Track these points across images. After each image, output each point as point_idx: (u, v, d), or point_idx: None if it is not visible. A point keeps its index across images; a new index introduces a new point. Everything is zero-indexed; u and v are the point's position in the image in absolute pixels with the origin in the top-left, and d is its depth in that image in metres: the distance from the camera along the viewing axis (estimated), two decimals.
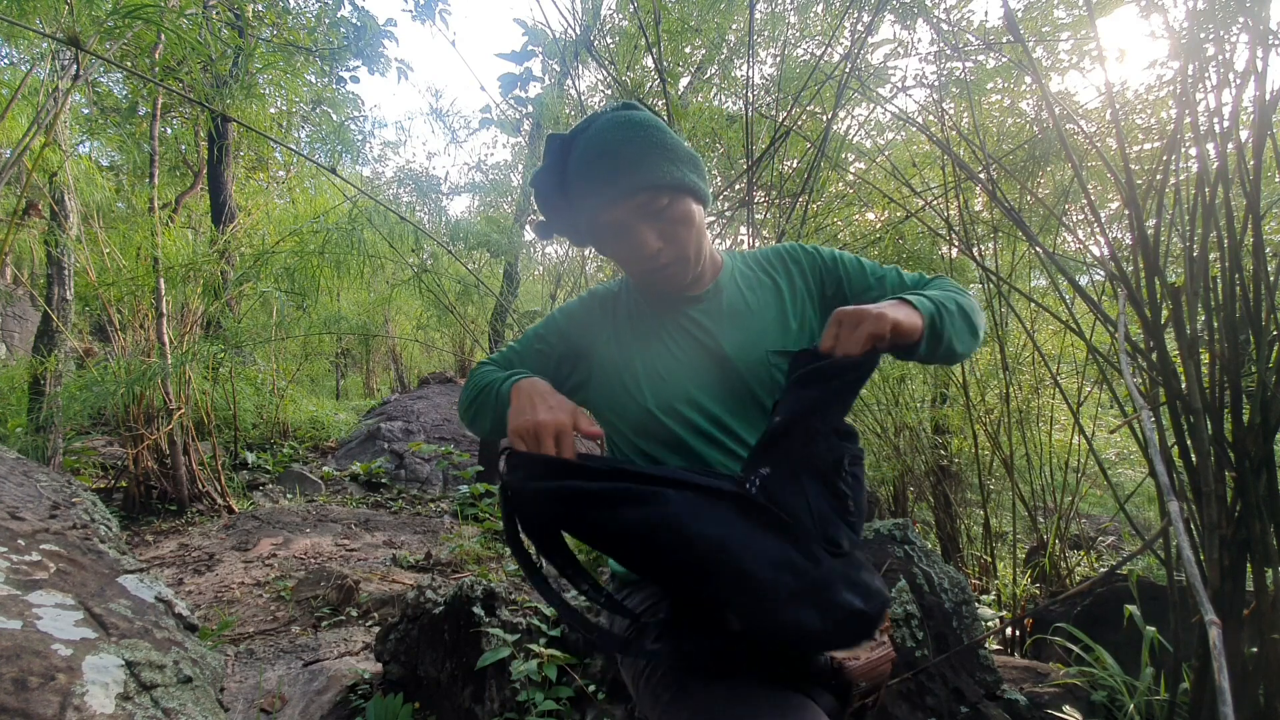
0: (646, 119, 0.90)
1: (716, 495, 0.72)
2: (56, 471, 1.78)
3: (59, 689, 0.77)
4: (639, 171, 0.86)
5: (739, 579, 0.67)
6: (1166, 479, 1.00)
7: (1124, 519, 2.59)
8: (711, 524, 0.69)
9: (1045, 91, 1.50)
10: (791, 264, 1.04)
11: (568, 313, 1.04)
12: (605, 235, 0.92)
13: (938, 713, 1.71)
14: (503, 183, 5.57)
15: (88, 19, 2.72)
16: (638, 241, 0.89)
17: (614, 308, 1.03)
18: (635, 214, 0.88)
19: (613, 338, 1.00)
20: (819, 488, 0.80)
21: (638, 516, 0.70)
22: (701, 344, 0.96)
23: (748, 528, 0.70)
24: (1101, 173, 2.76)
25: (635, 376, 0.95)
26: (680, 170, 0.89)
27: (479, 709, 1.78)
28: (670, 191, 0.88)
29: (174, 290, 4.15)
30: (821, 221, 3.69)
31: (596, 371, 1.00)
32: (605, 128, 0.89)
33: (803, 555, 0.69)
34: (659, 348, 0.97)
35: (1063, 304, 2.60)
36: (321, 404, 8.51)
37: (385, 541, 4.14)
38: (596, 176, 0.87)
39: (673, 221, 0.89)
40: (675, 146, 0.90)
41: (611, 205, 0.87)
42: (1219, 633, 0.76)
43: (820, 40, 3.19)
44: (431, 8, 2.87)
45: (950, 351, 0.89)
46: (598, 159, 0.87)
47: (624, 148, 0.86)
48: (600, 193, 0.87)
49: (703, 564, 0.68)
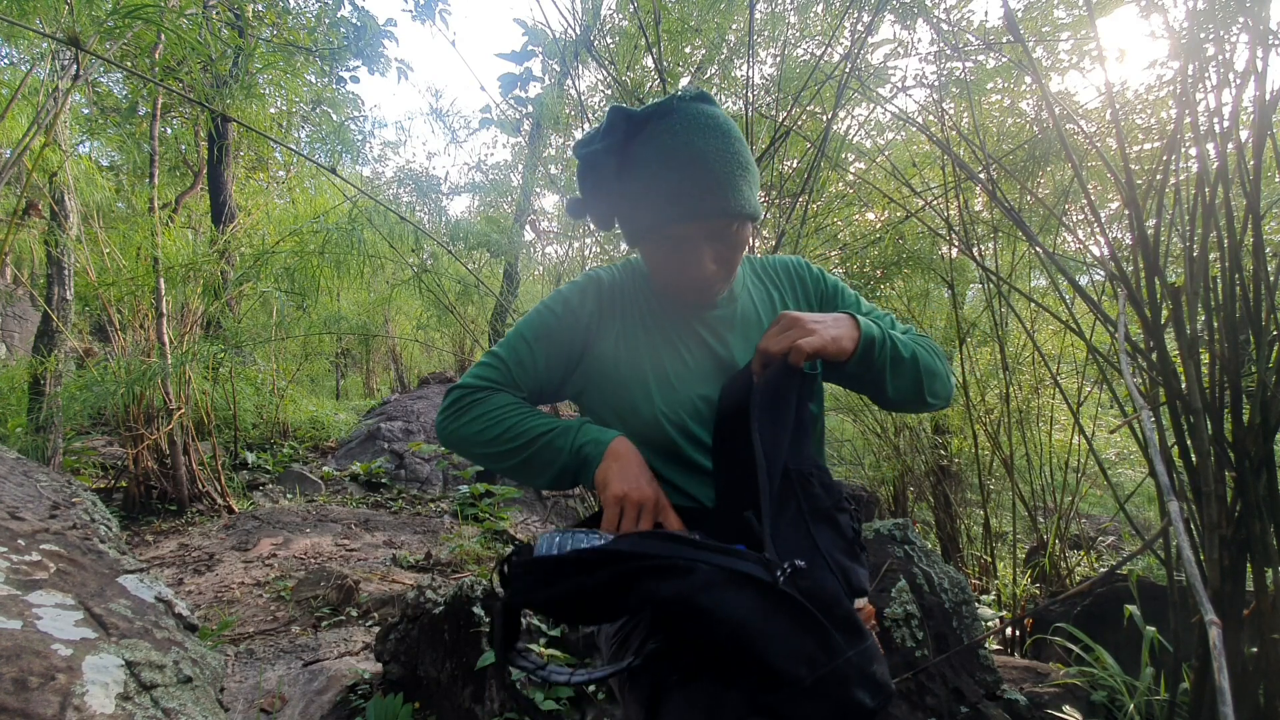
0: (733, 127, 0.84)
1: (742, 579, 0.68)
2: (56, 471, 1.78)
3: (59, 689, 0.77)
4: (728, 195, 0.80)
5: (754, 663, 0.65)
6: (1166, 479, 1.00)
7: (1124, 519, 2.59)
8: (732, 606, 0.66)
9: (1045, 91, 1.50)
10: (798, 280, 1.02)
11: (567, 305, 0.94)
12: (660, 242, 0.85)
13: (938, 713, 1.71)
14: (503, 183, 5.57)
15: (88, 19, 2.72)
16: (697, 262, 0.84)
17: (622, 301, 0.96)
18: (706, 235, 0.83)
19: (621, 335, 0.94)
20: (830, 534, 0.79)
21: (661, 591, 0.66)
22: (714, 353, 0.93)
23: (767, 613, 0.67)
24: (1101, 173, 2.76)
25: (645, 381, 0.91)
26: (755, 194, 0.84)
27: (479, 709, 1.78)
28: (746, 219, 0.83)
29: (174, 290, 4.15)
30: (821, 221, 3.69)
31: (600, 369, 0.93)
32: (695, 127, 0.81)
33: (820, 648, 0.66)
34: (671, 352, 0.92)
35: (1063, 304, 2.60)
36: (321, 404, 8.50)
37: (385, 541, 4.14)
38: (681, 184, 0.80)
39: (733, 247, 0.85)
40: (751, 164, 0.84)
41: (686, 221, 0.81)
42: (1219, 633, 0.76)
43: (820, 40, 3.19)
44: (431, 8, 2.87)
45: (876, 386, 0.89)
46: (688, 165, 0.79)
47: (717, 162, 0.80)
48: (679, 203, 0.80)
49: (717, 641, 0.66)
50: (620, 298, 0.96)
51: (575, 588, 0.68)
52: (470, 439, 0.88)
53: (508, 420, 0.86)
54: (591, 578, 0.68)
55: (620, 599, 0.67)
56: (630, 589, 0.67)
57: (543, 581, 0.70)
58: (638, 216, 0.85)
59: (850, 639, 0.68)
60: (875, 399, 0.95)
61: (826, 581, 0.74)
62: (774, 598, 0.67)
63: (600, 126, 0.87)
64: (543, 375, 0.93)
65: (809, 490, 0.80)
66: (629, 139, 0.84)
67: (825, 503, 0.81)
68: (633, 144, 0.84)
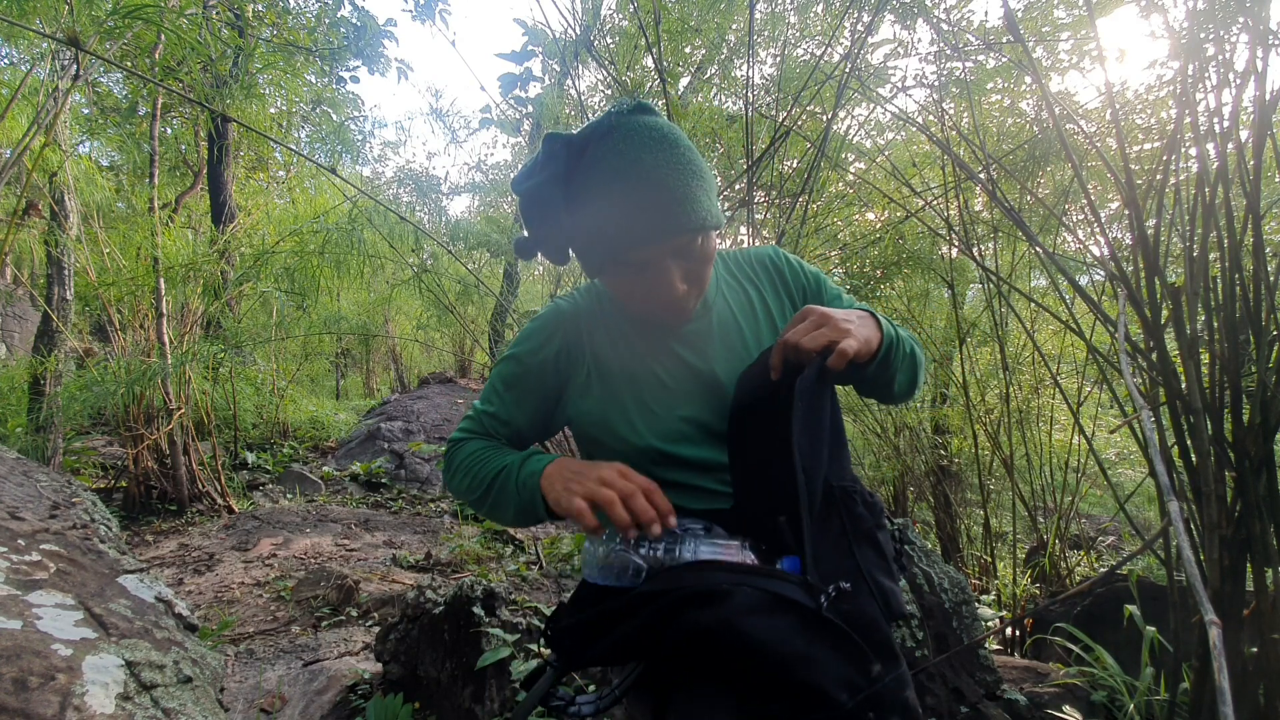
0: (679, 136, 0.79)
1: (786, 604, 0.67)
2: (56, 471, 1.78)
3: (59, 689, 0.77)
4: (686, 210, 0.75)
5: (797, 686, 0.64)
6: (1166, 479, 1.00)
7: (1124, 519, 2.59)
8: (775, 631, 0.65)
9: (1045, 91, 1.50)
10: (775, 274, 0.97)
11: (531, 350, 0.91)
12: (622, 270, 0.80)
13: (938, 713, 1.71)
14: (503, 183, 5.57)
15: (88, 19, 2.72)
16: (665, 283, 0.79)
17: (589, 328, 0.91)
18: (670, 254, 0.78)
19: (594, 367, 0.89)
20: (872, 554, 0.77)
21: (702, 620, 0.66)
22: (694, 369, 0.88)
23: (810, 638, 0.66)
24: (1101, 173, 2.76)
25: (625, 410, 0.87)
26: (714, 201, 0.80)
27: (479, 709, 1.78)
28: (708, 230, 0.79)
29: (174, 290, 4.15)
30: (821, 221, 3.69)
31: (580, 405, 0.90)
32: (640, 142, 0.76)
33: (860, 673, 0.66)
34: (648, 375, 0.88)
35: (1063, 304, 2.60)
36: (321, 404, 8.50)
37: (385, 541, 4.14)
38: (635, 206, 0.75)
39: (701, 261, 0.81)
40: (705, 170, 0.80)
41: (646, 244, 0.76)
42: (1219, 633, 0.76)
43: (820, 40, 3.19)
44: (431, 8, 2.87)
45: (888, 385, 0.87)
46: (638, 185, 0.74)
47: (670, 177, 0.75)
48: (636, 227, 0.75)
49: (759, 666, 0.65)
50: (587, 325, 0.91)
51: (618, 639, 0.70)
52: (459, 492, 0.89)
53: (473, 468, 0.86)
54: (631, 623, 0.69)
55: (662, 634, 0.67)
56: (670, 623, 0.67)
57: (585, 642, 0.72)
58: (594, 247, 0.80)
59: (887, 664, 0.68)
60: (879, 397, 0.93)
61: (867, 606, 0.73)
62: (816, 623, 0.66)
63: (537, 157, 0.81)
64: (524, 420, 0.92)
65: (852, 509, 0.77)
66: (572, 166, 0.78)
67: (869, 522, 0.78)
68: (577, 171, 0.78)
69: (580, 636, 0.72)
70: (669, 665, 0.72)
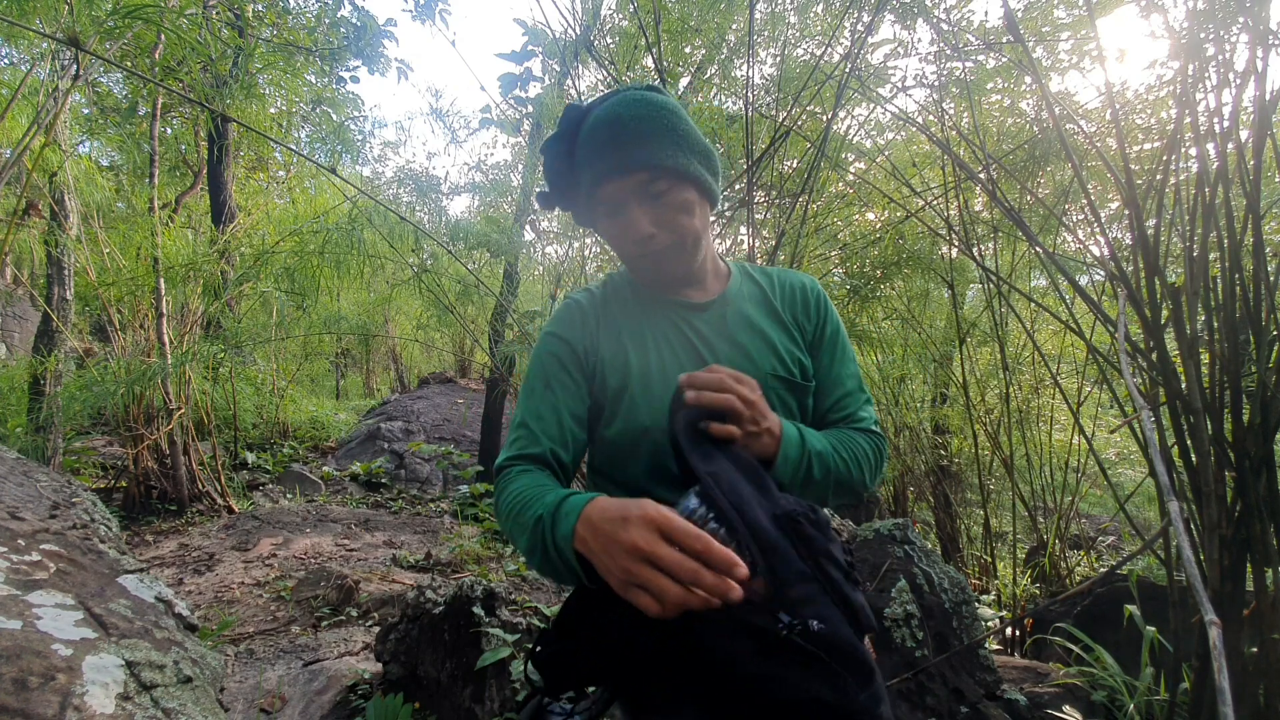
0: (665, 101, 0.86)
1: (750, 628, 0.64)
2: (56, 471, 1.78)
3: (59, 689, 0.77)
4: (641, 149, 0.82)
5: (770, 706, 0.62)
6: (1166, 479, 0.99)
7: (1124, 519, 2.59)
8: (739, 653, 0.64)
9: (1045, 91, 1.50)
10: (800, 300, 0.98)
11: (558, 336, 0.92)
12: (600, 212, 0.88)
13: (938, 713, 1.71)
14: (503, 183, 5.57)
15: (88, 19, 2.72)
16: (629, 222, 0.85)
17: (606, 316, 0.94)
18: (632, 193, 0.83)
19: (612, 351, 0.92)
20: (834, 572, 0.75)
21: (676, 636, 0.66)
22: (699, 356, 0.90)
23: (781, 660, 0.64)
24: (1101, 173, 2.76)
25: (632, 392, 0.88)
26: (686, 158, 0.85)
27: (479, 709, 1.77)
28: (671, 177, 0.84)
29: (174, 290, 4.15)
30: (821, 221, 3.69)
31: (603, 390, 0.91)
32: (622, 101, 0.85)
33: (832, 690, 0.64)
34: (654, 356, 0.90)
35: (1063, 304, 2.60)
36: (321, 404, 8.51)
37: (385, 541, 4.14)
38: (599, 145, 0.84)
39: (671, 208, 0.85)
40: (688, 134, 0.86)
41: (608, 179, 0.83)
42: (1219, 633, 0.76)
43: (820, 40, 3.19)
44: (431, 8, 2.87)
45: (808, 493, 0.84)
46: (605, 128, 0.83)
47: (633, 123, 0.83)
48: (600, 163, 0.83)
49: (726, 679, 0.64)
50: (603, 312, 0.95)
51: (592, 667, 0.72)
52: (512, 541, 0.81)
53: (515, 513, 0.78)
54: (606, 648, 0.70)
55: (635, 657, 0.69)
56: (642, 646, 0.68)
57: (566, 670, 0.73)
58: (581, 193, 0.88)
59: (862, 681, 0.67)
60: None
61: (839, 624, 0.71)
62: (782, 644, 0.65)
63: (559, 121, 0.92)
64: (568, 415, 0.89)
65: (801, 532, 0.75)
66: (577, 126, 0.88)
67: (821, 541, 0.76)
68: (579, 129, 0.87)
69: (561, 663, 0.73)
70: (644, 683, 0.73)
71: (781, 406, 0.92)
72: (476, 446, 6.37)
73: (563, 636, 0.75)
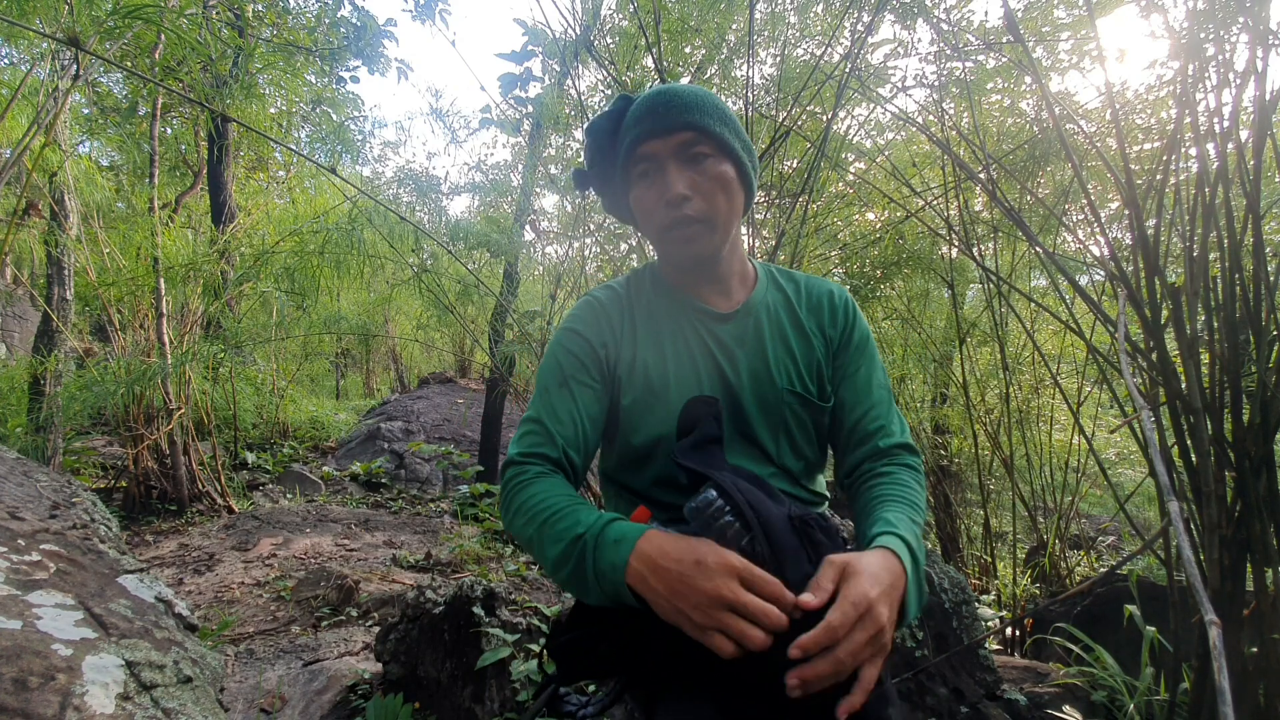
0: (719, 99, 0.89)
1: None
2: (56, 471, 1.78)
3: (59, 689, 0.77)
4: (688, 113, 0.83)
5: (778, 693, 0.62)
6: (1166, 479, 0.99)
7: (1124, 519, 2.59)
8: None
9: (1045, 91, 1.50)
10: (828, 308, 0.97)
11: (577, 333, 0.91)
12: (635, 175, 0.88)
13: (938, 713, 1.71)
14: (503, 183, 5.57)
15: (88, 19, 2.72)
16: (665, 182, 0.84)
17: (630, 313, 0.93)
18: (672, 154, 0.84)
19: (634, 353, 0.90)
20: None
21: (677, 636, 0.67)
22: (719, 367, 0.89)
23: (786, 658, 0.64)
24: (1101, 173, 2.76)
25: (651, 401, 0.88)
26: (731, 136, 0.86)
27: (479, 709, 1.77)
28: (715, 143, 0.84)
29: (174, 290, 4.15)
30: (821, 221, 3.69)
31: (623, 390, 0.90)
32: (674, 85, 0.88)
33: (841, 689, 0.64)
34: (673, 365, 0.89)
35: (1063, 304, 2.60)
36: (321, 404, 8.51)
37: (385, 541, 4.14)
38: (645, 111, 0.85)
39: (708, 176, 0.84)
40: (735, 122, 0.88)
41: (652, 136, 0.84)
42: (1219, 633, 0.76)
43: (820, 40, 3.19)
44: (431, 8, 2.87)
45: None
46: (654, 97, 0.86)
47: (684, 93, 0.85)
48: (646, 122, 0.85)
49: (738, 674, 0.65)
50: (625, 313, 0.94)
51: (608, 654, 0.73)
52: (524, 543, 0.79)
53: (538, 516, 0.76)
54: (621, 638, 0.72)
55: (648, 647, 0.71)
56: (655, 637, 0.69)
57: (580, 657, 0.74)
58: (621, 159, 0.89)
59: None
60: None
61: None
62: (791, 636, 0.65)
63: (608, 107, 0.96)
64: (585, 417, 0.87)
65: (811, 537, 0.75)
66: (628, 105, 0.91)
67: (827, 547, 0.76)
68: (629, 110, 0.90)
69: (576, 651, 0.74)
70: (656, 671, 0.73)
71: (796, 423, 0.92)
72: (476, 446, 6.37)
73: (577, 625, 0.76)
